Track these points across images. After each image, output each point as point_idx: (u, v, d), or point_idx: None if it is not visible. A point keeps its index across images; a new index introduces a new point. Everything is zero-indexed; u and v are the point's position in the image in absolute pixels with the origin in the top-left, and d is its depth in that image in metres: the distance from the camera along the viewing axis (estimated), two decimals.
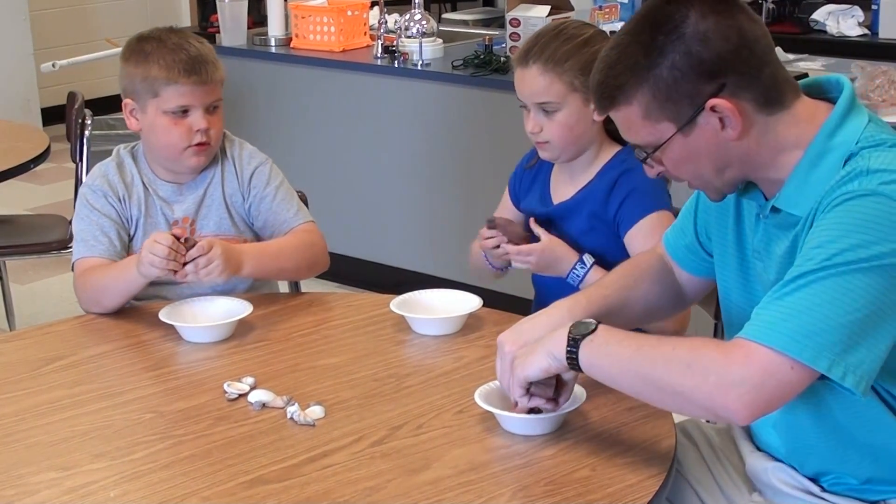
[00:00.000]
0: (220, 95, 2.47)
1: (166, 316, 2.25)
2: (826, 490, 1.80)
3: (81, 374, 2.12)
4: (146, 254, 2.25)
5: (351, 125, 4.68)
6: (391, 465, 1.74)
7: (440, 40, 4.63)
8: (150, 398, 2.01)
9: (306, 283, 2.83)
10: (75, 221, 2.48)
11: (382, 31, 4.61)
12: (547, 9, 4.28)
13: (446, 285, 2.51)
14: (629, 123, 1.71)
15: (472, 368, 2.08)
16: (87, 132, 4.00)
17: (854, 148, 1.65)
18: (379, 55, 4.59)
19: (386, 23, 4.65)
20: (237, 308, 2.28)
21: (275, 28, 4.90)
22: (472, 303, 2.28)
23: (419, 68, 4.46)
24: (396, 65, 4.51)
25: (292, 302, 2.45)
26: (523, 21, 4.27)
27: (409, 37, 4.56)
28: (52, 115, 6.82)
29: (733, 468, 1.95)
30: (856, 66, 3.99)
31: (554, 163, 2.43)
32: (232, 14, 4.89)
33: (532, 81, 2.30)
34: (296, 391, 1.98)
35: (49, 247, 3.93)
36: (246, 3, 4.92)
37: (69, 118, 4.10)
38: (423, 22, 4.57)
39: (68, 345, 2.25)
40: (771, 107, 1.67)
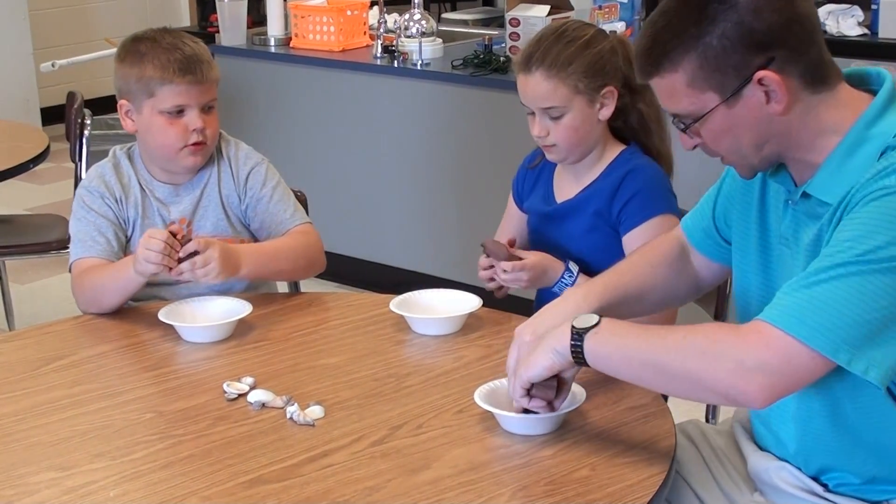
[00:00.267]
0: (215, 95, 2.47)
1: (165, 316, 2.25)
2: (830, 490, 1.80)
3: (81, 373, 2.12)
4: (142, 250, 2.25)
5: (350, 125, 4.68)
6: (391, 465, 1.75)
7: (440, 40, 4.63)
8: (150, 398, 2.01)
9: (305, 282, 2.83)
10: (72, 223, 2.48)
11: (382, 30, 4.61)
12: (546, 8, 4.28)
13: (446, 285, 2.52)
14: (672, 91, 1.69)
15: (471, 368, 2.08)
16: (86, 132, 4.00)
17: (892, 141, 1.64)
18: (378, 55, 4.59)
19: (385, 22, 4.65)
20: (236, 308, 2.28)
21: (274, 28, 4.90)
22: (472, 303, 2.28)
23: (419, 68, 4.46)
24: (396, 64, 4.52)
25: (292, 302, 2.45)
26: (523, 21, 4.27)
27: (409, 36, 4.56)
28: (51, 115, 6.82)
29: (734, 468, 1.95)
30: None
31: (558, 163, 2.43)
32: (231, 14, 4.89)
33: (536, 87, 2.30)
34: (295, 391, 1.98)
35: (48, 247, 3.93)
36: (245, 2, 4.92)
37: (68, 118, 4.10)
38: (423, 21, 4.57)
39: (68, 345, 2.25)
40: (816, 85, 1.66)
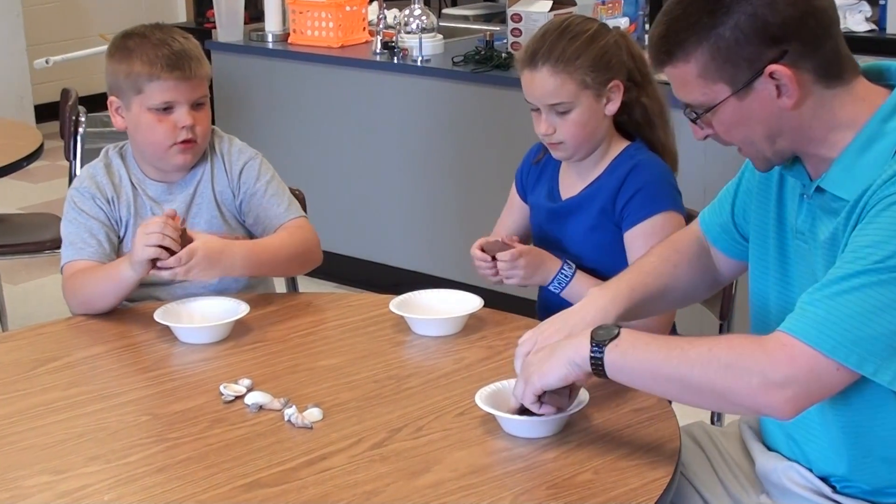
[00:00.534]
0: (205, 92, 2.46)
1: (161, 317, 2.25)
2: (838, 492, 1.80)
3: (75, 375, 2.12)
4: (140, 236, 2.24)
5: (349, 122, 4.68)
6: (391, 469, 1.75)
7: (440, 36, 4.63)
8: (146, 400, 2.01)
9: (304, 283, 2.83)
10: (63, 224, 2.48)
11: (381, 26, 4.61)
12: (549, 4, 4.28)
13: (446, 285, 2.52)
14: (683, 81, 1.70)
15: (473, 370, 2.08)
16: (80, 130, 3.99)
17: None
18: (378, 51, 4.59)
19: (385, 18, 4.65)
20: (233, 308, 2.28)
21: (272, 23, 4.90)
22: (473, 303, 2.28)
23: (419, 64, 4.46)
24: (396, 61, 4.51)
25: (290, 302, 2.45)
26: (525, 16, 4.27)
27: (409, 32, 4.56)
28: (45, 112, 6.82)
29: (740, 470, 1.95)
30: None
31: (565, 161, 2.42)
32: (228, 9, 4.89)
33: (543, 83, 2.29)
34: (293, 393, 1.98)
35: (42, 246, 3.92)
36: None
37: (63, 115, 4.09)
38: (423, 17, 4.57)
39: (62, 346, 2.25)
40: (830, 80, 1.67)
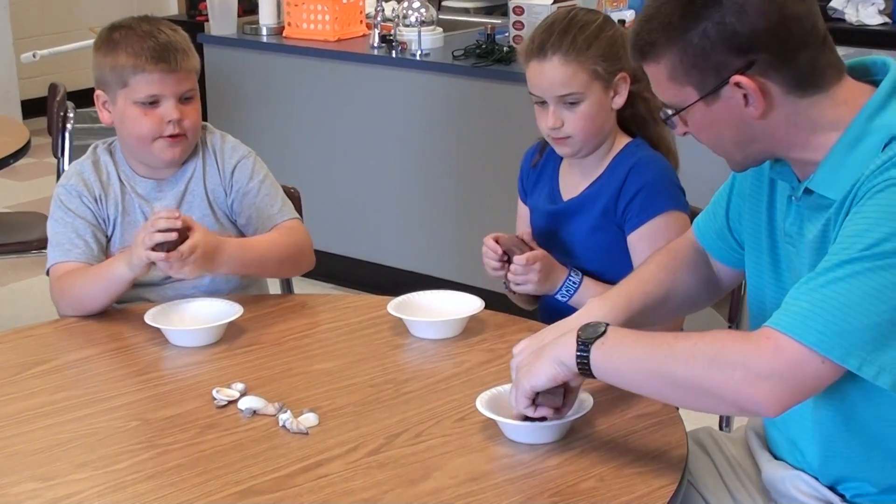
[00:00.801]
0: (193, 85, 2.45)
1: (152, 318, 2.24)
2: (847, 501, 1.80)
3: (63, 379, 2.12)
4: (147, 226, 2.25)
5: (346, 118, 4.68)
6: (389, 476, 1.74)
7: (440, 29, 4.63)
8: (136, 405, 2.01)
9: (299, 284, 2.83)
10: (49, 224, 2.47)
11: (379, 19, 4.61)
12: None
13: (446, 286, 2.52)
14: (656, 81, 1.73)
15: (473, 374, 2.08)
16: (69, 125, 4.00)
17: (895, 132, 1.64)
18: (376, 45, 4.59)
19: (383, 11, 4.65)
20: (226, 310, 2.28)
21: (266, 16, 4.90)
22: (474, 305, 2.28)
23: (418, 59, 4.46)
24: (394, 55, 4.51)
25: (284, 304, 2.45)
26: (527, 9, 4.27)
27: (408, 25, 4.56)
28: (32, 108, 6.81)
29: (748, 478, 1.95)
30: None
31: (572, 158, 2.41)
32: (221, 1, 4.89)
33: (553, 73, 2.29)
34: (288, 398, 1.98)
35: (29, 246, 3.92)
36: None
37: (50, 111, 4.09)
38: (422, 10, 4.57)
39: (50, 349, 2.25)
40: (804, 90, 1.67)
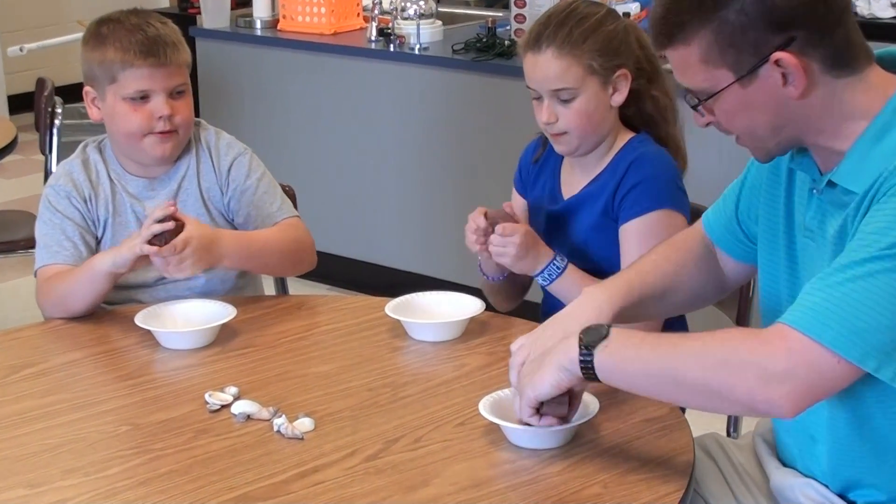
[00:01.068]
0: (184, 80, 2.45)
1: (143, 320, 2.24)
2: None
3: (52, 383, 2.12)
4: (145, 224, 2.26)
5: (342, 115, 4.68)
6: (387, 482, 1.74)
7: (439, 22, 4.63)
8: (126, 409, 2.01)
9: (295, 284, 2.83)
10: (38, 225, 2.47)
11: (377, 12, 4.61)
12: None
13: (446, 287, 2.52)
14: (684, 65, 1.70)
15: (473, 377, 2.08)
16: (57, 121, 4.00)
17: None
18: (373, 38, 4.59)
19: (381, 3, 4.65)
20: (220, 312, 2.28)
21: (260, 9, 4.90)
22: (474, 306, 2.28)
23: (416, 53, 4.46)
24: (392, 49, 4.52)
25: (280, 305, 2.45)
26: (529, 1, 4.27)
27: (406, 18, 4.56)
28: (19, 103, 6.82)
29: (755, 485, 1.95)
30: None
31: (567, 156, 2.41)
32: None
33: (547, 66, 2.29)
34: (283, 402, 1.98)
35: (15, 245, 3.92)
36: None
37: (38, 106, 4.10)
38: (421, 2, 4.57)
39: (38, 352, 2.25)
40: (839, 69, 1.66)
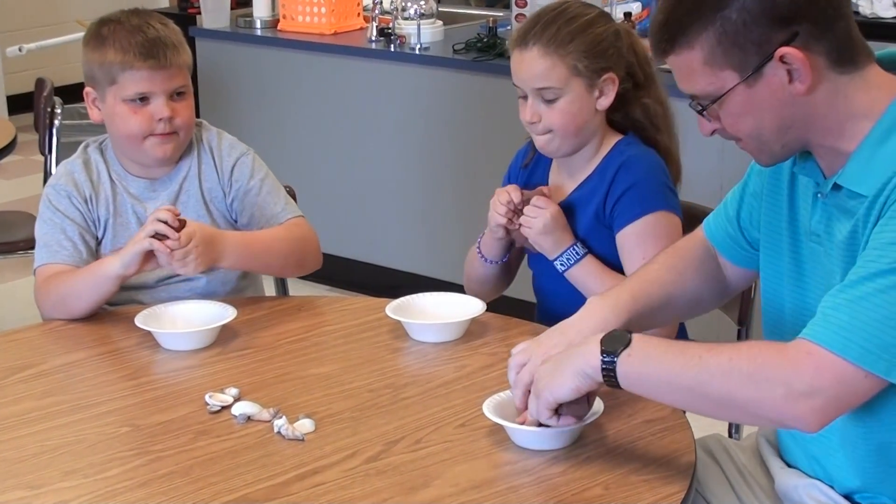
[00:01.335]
0: (184, 81, 2.45)
1: (143, 321, 2.24)
2: None
3: (51, 384, 2.12)
4: (150, 219, 2.26)
5: (343, 115, 4.68)
6: (387, 483, 1.75)
7: (440, 22, 4.63)
8: (126, 410, 2.01)
9: (295, 285, 2.83)
10: (38, 224, 2.48)
11: (377, 12, 4.61)
12: None
13: (446, 288, 2.51)
14: (688, 71, 1.70)
15: (474, 378, 2.08)
16: (56, 122, 4.00)
17: None
18: (373, 38, 4.59)
19: (381, 3, 4.65)
20: (220, 313, 2.28)
21: (260, 9, 4.90)
22: (475, 307, 2.28)
23: (417, 53, 4.46)
24: (392, 49, 4.52)
25: (280, 306, 2.45)
26: (530, 1, 4.27)
27: (407, 18, 4.56)
28: (18, 104, 6.81)
29: (759, 487, 1.95)
30: None
31: (552, 158, 2.41)
32: None
33: (531, 65, 2.28)
34: (283, 403, 1.98)
35: (15, 246, 3.92)
36: None
37: (37, 106, 4.10)
38: (422, 2, 4.57)
39: (37, 353, 2.25)
40: (843, 65, 1.67)
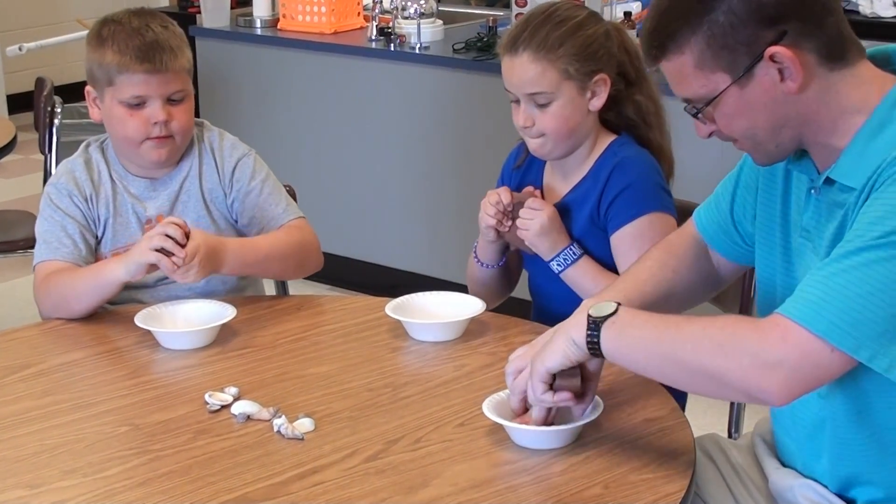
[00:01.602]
0: (183, 86, 2.43)
1: (143, 321, 2.24)
2: None
3: (50, 383, 2.12)
4: (145, 240, 2.25)
5: (343, 114, 4.68)
6: (387, 483, 1.75)
7: (440, 21, 4.63)
8: (126, 410, 2.01)
9: (295, 284, 2.83)
10: (38, 222, 2.48)
11: (377, 11, 4.61)
12: None
13: (447, 287, 2.52)
14: (680, 75, 1.71)
15: (474, 378, 2.08)
16: (56, 121, 4.00)
17: None
18: (373, 38, 4.59)
19: (381, 2, 4.65)
20: (219, 312, 2.28)
21: (260, 8, 4.90)
22: (474, 306, 2.28)
23: (417, 52, 4.46)
24: (392, 48, 4.52)
25: (279, 305, 2.45)
26: (530, 1, 4.27)
27: (406, 17, 4.56)
28: (18, 103, 6.82)
29: (755, 486, 1.95)
30: None
31: (545, 160, 2.42)
32: None
33: (522, 70, 2.28)
34: (283, 402, 1.99)
35: (15, 245, 3.93)
36: None
37: (37, 106, 4.10)
38: (422, 1, 4.57)
39: (36, 352, 2.25)
40: (833, 61, 1.67)
